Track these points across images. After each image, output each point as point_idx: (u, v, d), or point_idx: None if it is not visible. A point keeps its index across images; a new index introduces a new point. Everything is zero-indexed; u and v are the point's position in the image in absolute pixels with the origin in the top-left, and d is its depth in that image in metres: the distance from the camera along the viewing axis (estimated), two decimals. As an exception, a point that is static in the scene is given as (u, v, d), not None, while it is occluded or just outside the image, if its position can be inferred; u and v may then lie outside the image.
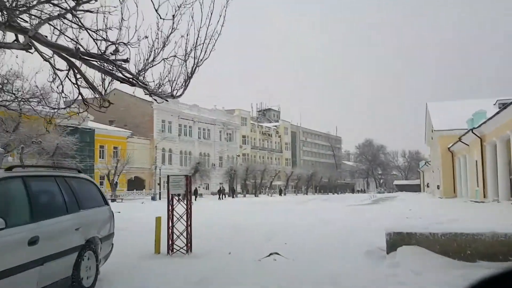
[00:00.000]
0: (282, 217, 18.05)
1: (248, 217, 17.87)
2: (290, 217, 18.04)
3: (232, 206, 29.07)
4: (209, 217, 17.10)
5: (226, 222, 15.25)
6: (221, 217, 18.08)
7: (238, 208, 25.55)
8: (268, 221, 15.65)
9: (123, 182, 57.53)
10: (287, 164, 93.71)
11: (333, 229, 12.33)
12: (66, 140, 44.30)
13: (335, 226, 13.20)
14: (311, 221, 15.21)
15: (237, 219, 16.35)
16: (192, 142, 68.34)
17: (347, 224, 13.78)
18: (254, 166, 63.01)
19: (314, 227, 13.32)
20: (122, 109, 66.02)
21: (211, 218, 17.09)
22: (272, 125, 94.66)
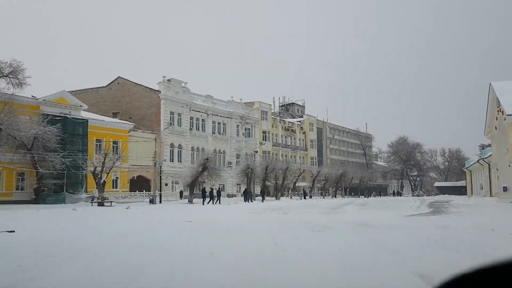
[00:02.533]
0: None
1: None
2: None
3: (230, 214, 20.70)
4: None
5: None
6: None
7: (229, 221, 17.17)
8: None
9: (125, 182, 50.06)
10: (313, 163, 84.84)
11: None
12: (46, 131, 36.87)
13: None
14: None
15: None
16: (205, 137, 60.38)
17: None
18: (274, 164, 54.45)
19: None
20: (127, 100, 58.89)
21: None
22: (296, 121, 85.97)
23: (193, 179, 41.70)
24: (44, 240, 9.40)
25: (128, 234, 10.71)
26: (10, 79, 32.74)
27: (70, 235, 10.71)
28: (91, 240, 9.46)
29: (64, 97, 44.32)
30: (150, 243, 8.89)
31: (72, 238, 9.83)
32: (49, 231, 11.49)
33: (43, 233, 10.97)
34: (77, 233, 11.14)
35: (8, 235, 10.35)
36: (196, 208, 29.07)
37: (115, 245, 8.51)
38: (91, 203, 36.27)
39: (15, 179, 40.21)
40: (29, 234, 10.56)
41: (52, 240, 9.46)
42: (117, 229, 12.19)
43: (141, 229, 12.18)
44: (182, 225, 13.73)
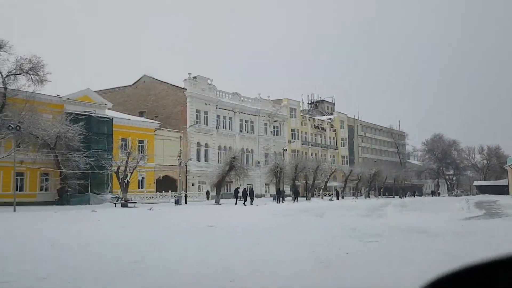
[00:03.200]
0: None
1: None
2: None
3: (262, 216, 18.55)
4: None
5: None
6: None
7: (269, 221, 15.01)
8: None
9: (150, 182, 48.73)
10: (344, 162, 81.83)
11: None
12: (69, 129, 35.73)
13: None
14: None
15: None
16: (233, 136, 58.52)
17: None
18: (305, 163, 52.03)
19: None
20: (153, 98, 57.69)
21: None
22: (326, 118, 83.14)
23: (220, 179, 39.85)
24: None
25: (127, 244, 8.78)
26: (30, 75, 31.68)
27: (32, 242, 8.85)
28: (52, 253, 7.54)
29: (89, 95, 43.28)
30: (145, 259, 6.88)
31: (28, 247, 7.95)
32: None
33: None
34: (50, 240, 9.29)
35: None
36: (222, 210, 27.14)
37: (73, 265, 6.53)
38: (114, 204, 34.93)
39: (38, 179, 39.35)
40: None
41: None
42: (120, 236, 10.31)
43: (149, 236, 10.26)
44: (202, 231, 11.72)
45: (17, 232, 11.97)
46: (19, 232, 11.89)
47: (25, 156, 37.34)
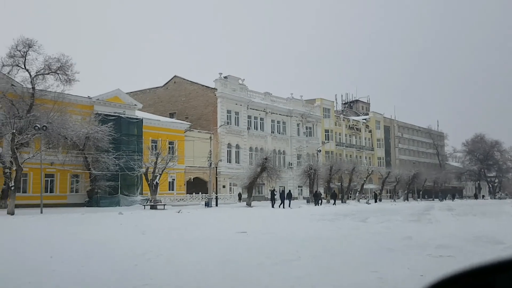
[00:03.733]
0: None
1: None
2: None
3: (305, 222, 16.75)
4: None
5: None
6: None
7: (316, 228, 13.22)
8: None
9: (181, 184, 47.74)
10: (380, 164, 78.75)
11: None
12: (98, 130, 35.05)
13: None
14: None
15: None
16: (264, 137, 56.91)
17: None
18: (340, 165, 49.79)
19: None
20: (183, 99, 56.88)
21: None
22: (361, 118, 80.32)
23: (252, 181, 38.28)
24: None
25: (139, 255, 7.26)
26: (59, 75, 31.10)
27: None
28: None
29: (119, 96, 42.70)
30: (153, 280, 5.30)
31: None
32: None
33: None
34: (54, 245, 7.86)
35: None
36: (255, 213, 25.50)
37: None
38: (143, 206, 33.95)
39: (68, 181, 38.94)
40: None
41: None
42: (136, 245, 8.81)
43: (168, 245, 8.72)
44: (231, 239, 10.07)
45: (20, 237, 10.78)
46: (23, 237, 10.70)
47: (55, 158, 36.97)
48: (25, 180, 36.26)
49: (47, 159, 36.38)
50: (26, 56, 30.27)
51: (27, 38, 29.99)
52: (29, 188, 36.44)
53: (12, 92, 30.45)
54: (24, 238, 10.59)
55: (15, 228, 14.16)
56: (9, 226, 15.02)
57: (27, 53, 30.16)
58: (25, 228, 13.82)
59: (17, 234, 11.89)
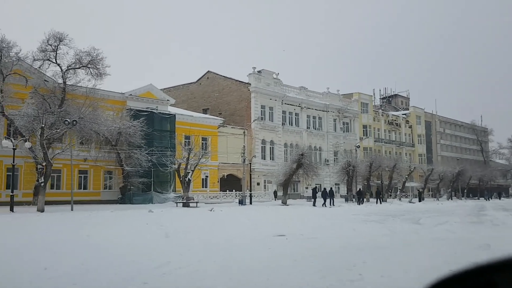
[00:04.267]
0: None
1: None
2: None
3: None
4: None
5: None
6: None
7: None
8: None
9: (214, 181, 46.62)
10: (421, 161, 75.22)
11: None
12: (131, 125, 34.28)
13: None
14: None
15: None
16: (299, 133, 55.06)
17: None
18: (380, 161, 47.33)
19: None
20: (216, 95, 55.80)
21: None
22: (401, 113, 77.01)
23: (287, 178, 36.60)
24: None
25: (153, 269, 5.78)
26: (90, 69, 30.44)
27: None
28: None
29: (151, 91, 41.95)
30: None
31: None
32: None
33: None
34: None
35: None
36: (292, 212, 23.83)
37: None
38: (175, 203, 32.93)
39: (102, 177, 38.46)
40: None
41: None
42: (153, 253, 7.36)
43: (193, 251, 7.23)
44: (268, 244, 8.46)
45: (27, 239, 9.62)
46: (29, 239, 9.54)
47: (88, 154, 36.56)
48: (59, 176, 36.07)
49: (80, 155, 36.04)
50: (57, 50, 29.74)
51: (58, 32, 29.51)
52: (63, 185, 36.17)
53: (44, 87, 30.01)
54: (30, 241, 9.42)
55: (28, 227, 13.15)
56: (26, 225, 14.05)
57: (58, 47, 29.63)
58: (38, 228, 12.78)
59: (25, 235, 10.79)
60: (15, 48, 28.11)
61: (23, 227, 13.28)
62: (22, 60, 28.99)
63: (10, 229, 12.60)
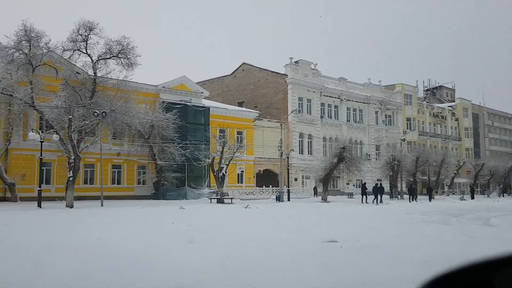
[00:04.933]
0: None
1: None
2: None
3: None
4: None
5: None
6: None
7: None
8: None
9: (250, 177, 44.91)
10: (468, 156, 70.76)
11: None
12: (163, 118, 33.00)
13: None
14: None
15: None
16: (339, 126, 52.48)
17: None
18: (427, 156, 44.15)
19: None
20: (252, 87, 54.02)
21: None
22: (447, 105, 72.77)
23: (327, 173, 34.33)
24: None
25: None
26: (120, 59, 29.23)
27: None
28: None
29: (185, 83, 40.63)
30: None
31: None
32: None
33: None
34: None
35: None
36: (336, 210, 21.65)
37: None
38: (209, 199, 31.40)
39: (135, 172, 37.45)
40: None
41: None
42: (169, 265, 5.53)
43: (220, 263, 5.36)
44: (317, 254, 6.49)
45: (38, 237, 8.07)
46: (42, 237, 7.98)
47: (121, 148, 35.62)
48: (92, 171, 35.29)
49: (112, 150, 35.14)
50: (88, 40, 28.69)
51: (88, 21, 28.42)
52: (96, 180, 35.33)
53: (75, 78, 29.07)
54: (22, 242, 7.87)
55: (38, 225, 11.74)
56: (39, 223, 12.67)
57: (88, 37, 28.57)
58: (48, 226, 11.31)
59: (25, 234, 9.30)
60: (44, 38, 27.21)
61: (32, 225, 11.91)
62: (52, 51, 28.08)
63: (14, 227, 11.22)
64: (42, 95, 28.23)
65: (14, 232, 10.21)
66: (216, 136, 35.64)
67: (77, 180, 33.52)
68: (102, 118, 24.32)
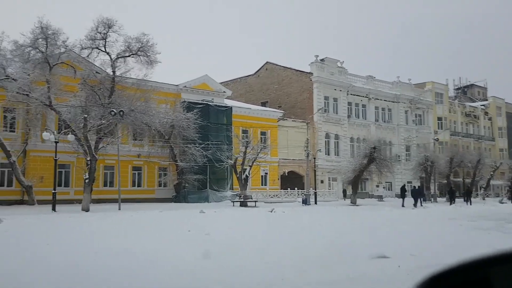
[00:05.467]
0: None
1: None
2: None
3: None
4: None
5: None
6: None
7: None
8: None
9: (275, 179, 43.29)
10: (502, 156, 67.19)
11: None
12: (184, 118, 31.76)
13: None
14: None
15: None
16: (367, 126, 50.34)
17: None
18: (463, 156, 41.62)
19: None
20: (276, 87, 52.47)
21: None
22: (479, 104, 69.51)
23: (357, 174, 32.45)
24: None
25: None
26: (140, 57, 28.10)
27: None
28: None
29: (206, 83, 39.36)
30: None
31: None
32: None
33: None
34: None
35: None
36: (373, 214, 19.82)
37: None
38: (232, 202, 29.94)
39: (156, 174, 36.30)
40: None
41: None
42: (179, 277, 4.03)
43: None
44: (371, 280, 4.88)
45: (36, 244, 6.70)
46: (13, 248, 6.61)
47: (141, 149, 34.58)
48: (112, 173, 34.29)
49: (132, 151, 34.13)
50: (107, 38, 27.66)
51: (107, 18, 27.40)
52: (116, 182, 34.32)
53: (93, 78, 28.08)
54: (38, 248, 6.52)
55: (36, 233, 10.45)
56: (40, 229, 11.39)
57: (107, 35, 27.54)
58: (48, 234, 9.97)
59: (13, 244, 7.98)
60: (61, 36, 26.30)
61: (29, 232, 10.63)
62: (70, 50, 27.17)
63: (9, 234, 9.96)
64: (60, 95, 27.29)
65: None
66: (239, 136, 34.15)
67: (96, 182, 32.78)
68: (120, 117, 23.14)
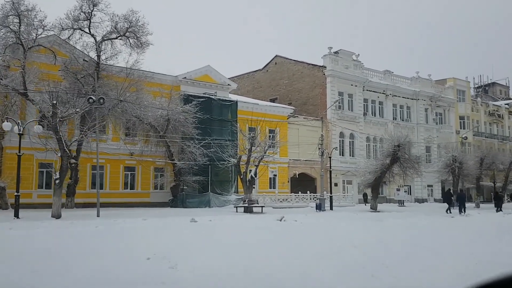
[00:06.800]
0: None
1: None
2: None
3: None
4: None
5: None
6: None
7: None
8: None
9: (284, 181, 39.30)
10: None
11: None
12: (180, 111, 27.93)
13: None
14: None
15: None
16: (384, 124, 46.19)
17: None
18: (494, 157, 37.31)
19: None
20: (286, 82, 48.54)
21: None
22: (503, 103, 64.96)
23: (378, 176, 28.37)
24: None
25: None
26: (128, 39, 24.37)
27: None
28: None
29: (209, 74, 35.56)
30: None
31: None
32: None
33: None
34: None
35: None
36: (407, 223, 15.76)
37: None
38: (235, 208, 26.02)
39: (152, 175, 32.46)
40: None
41: None
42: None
43: None
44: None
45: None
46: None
47: (134, 147, 30.78)
48: (101, 174, 30.49)
49: (124, 149, 30.41)
50: (91, 18, 23.99)
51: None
52: (106, 184, 30.62)
53: (76, 64, 24.39)
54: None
55: None
56: None
57: (91, 14, 23.88)
58: None
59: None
60: (39, 15, 22.67)
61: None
62: (48, 30, 23.52)
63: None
64: (39, 84, 23.65)
65: None
66: (244, 132, 30.19)
67: (82, 184, 29.15)
68: (100, 105, 19.29)
